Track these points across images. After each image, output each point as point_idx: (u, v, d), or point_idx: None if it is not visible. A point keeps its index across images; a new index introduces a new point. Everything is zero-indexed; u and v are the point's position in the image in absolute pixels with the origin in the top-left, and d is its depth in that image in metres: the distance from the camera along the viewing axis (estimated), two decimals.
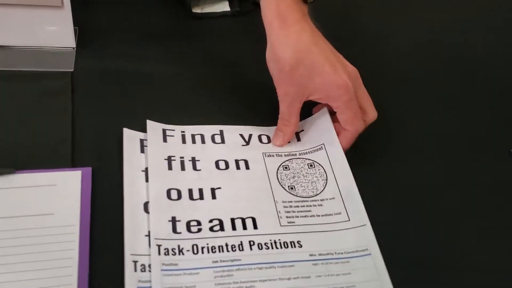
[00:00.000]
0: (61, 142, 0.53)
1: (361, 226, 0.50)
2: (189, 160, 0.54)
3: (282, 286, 0.46)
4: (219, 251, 0.47)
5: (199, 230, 0.48)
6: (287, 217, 0.51)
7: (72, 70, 0.59)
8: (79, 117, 0.55)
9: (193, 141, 0.56)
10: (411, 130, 0.63)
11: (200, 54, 0.67)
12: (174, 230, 0.48)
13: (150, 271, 0.44)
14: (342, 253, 0.48)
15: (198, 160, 0.54)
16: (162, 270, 0.45)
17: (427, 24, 0.80)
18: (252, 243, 0.48)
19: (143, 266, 0.44)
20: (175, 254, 0.46)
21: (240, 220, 0.50)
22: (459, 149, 0.61)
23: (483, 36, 0.79)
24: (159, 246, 0.46)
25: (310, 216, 0.51)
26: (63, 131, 0.53)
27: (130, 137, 0.53)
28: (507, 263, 0.51)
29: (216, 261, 0.46)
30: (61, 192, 0.48)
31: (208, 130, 0.57)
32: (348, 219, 0.51)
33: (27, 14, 0.55)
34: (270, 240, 0.49)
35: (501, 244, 0.53)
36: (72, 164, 0.51)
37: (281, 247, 0.48)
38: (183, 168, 0.53)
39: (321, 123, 0.58)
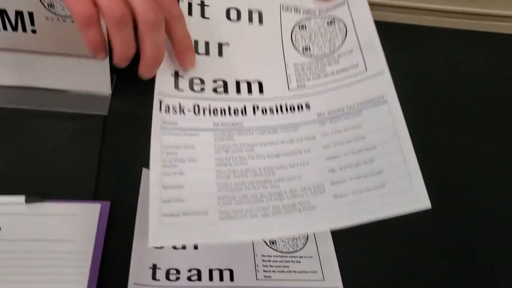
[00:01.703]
0: (86, 176, 0.58)
1: (379, 74, 0.45)
2: (198, 4, 0.50)
3: (284, 149, 0.43)
4: (221, 114, 0.45)
5: (202, 89, 0.46)
6: (297, 80, 0.48)
7: (106, 114, 0.65)
8: (106, 155, 0.61)
9: None
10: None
11: None
12: (177, 86, 0.46)
13: None
14: (354, 106, 0.44)
15: (207, 6, 0.50)
16: (162, 128, 0.44)
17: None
18: (256, 107, 0.46)
19: None
20: (176, 112, 0.45)
21: (245, 84, 0.47)
22: None
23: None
24: (160, 101, 0.45)
25: (324, 77, 0.48)
26: (90, 167, 0.59)
27: (148, 176, 0.58)
28: None
29: (217, 124, 0.45)
30: (81, 221, 0.53)
31: None
32: (365, 69, 0.46)
33: (69, 62, 0.62)
34: (276, 104, 0.46)
35: None
36: (94, 197, 0.56)
37: (286, 111, 0.46)
38: (190, 13, 0.49)
39: None
